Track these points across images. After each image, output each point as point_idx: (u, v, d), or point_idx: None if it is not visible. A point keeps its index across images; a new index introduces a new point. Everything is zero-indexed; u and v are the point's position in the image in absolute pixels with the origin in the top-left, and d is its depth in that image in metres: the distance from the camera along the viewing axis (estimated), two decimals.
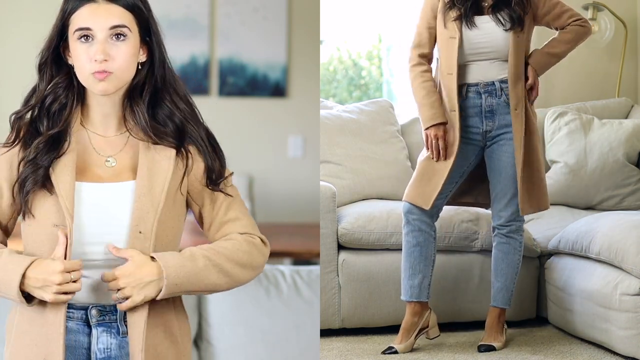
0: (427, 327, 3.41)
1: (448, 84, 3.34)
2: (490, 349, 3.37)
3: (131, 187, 1.91)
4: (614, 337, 3.25)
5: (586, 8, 4.68)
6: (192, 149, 1.96)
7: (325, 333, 3.60)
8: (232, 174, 2.03)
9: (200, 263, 1.90)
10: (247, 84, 5.24)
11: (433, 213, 3.39)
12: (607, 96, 4.76)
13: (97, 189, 1.91)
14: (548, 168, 4.31)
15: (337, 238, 3.64)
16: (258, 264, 2.00)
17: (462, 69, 3.36)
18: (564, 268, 3.60)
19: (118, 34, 1.86)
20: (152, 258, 1.87)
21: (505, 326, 3.49)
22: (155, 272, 1.86)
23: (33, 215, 1.89)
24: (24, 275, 1.82)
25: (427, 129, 3.35)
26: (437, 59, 3.44)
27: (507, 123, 3.35)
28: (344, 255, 3.65)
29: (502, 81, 3.35)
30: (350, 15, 5.40)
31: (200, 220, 2.03)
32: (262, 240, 2.03)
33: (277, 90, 5.26)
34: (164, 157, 1.93)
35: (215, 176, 1.97)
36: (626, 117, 4.54)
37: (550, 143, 4.33)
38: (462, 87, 3.37)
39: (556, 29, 3.45)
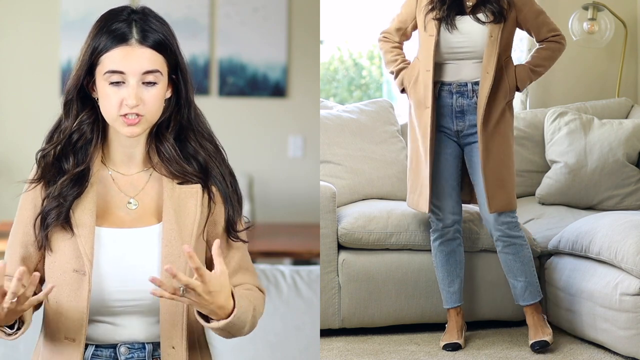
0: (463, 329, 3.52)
1: (425, 81, 3.37)
2: (544, 344, 3.34)
3: (156, 231, 1.89)
4: (614, 337, 3.25)
5: (586, 8, 4.67)
6: (214, 190, 1.93)
7: (325, 333, 3.60)
8: (251, 225, 2.00)
9: (246, 304, 1.87)
10: (247, 84, 5.24)
11: (459, 218, 3.45)
12: (607, 96, 4.76)
13: (118, 235, 1.88)
14: (548, 168, 4.31)
15: (337, 238, 3.64)
16: (261, 316, 2.00)
17: (439, 67, 3.39)
18: (564, 268, 3.60)
19: (150, 81, 1.84)
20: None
21: (545, 317, 3.44)
22: (229, 305, 1.79)
23: (52, 251, 1.87)
24: None
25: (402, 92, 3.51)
26: (417, 57, 3.47)
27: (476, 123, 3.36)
28: (344, 255, 3.65)
29: (476, 83, 3.36)
30: (350, 15, 5.40)
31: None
32: (262, 291, 2.03)
33: (277, 90, 5.26)
34: (190, 196, 1.90)
35: (234, 222, 1.94)
36: (626, 117, 4.54)
37: (550, 143, 4.33)
38: (436, 85, 3.39)
39: (534, 37, 3.46)
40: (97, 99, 1.87)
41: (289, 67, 5.28)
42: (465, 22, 3.35)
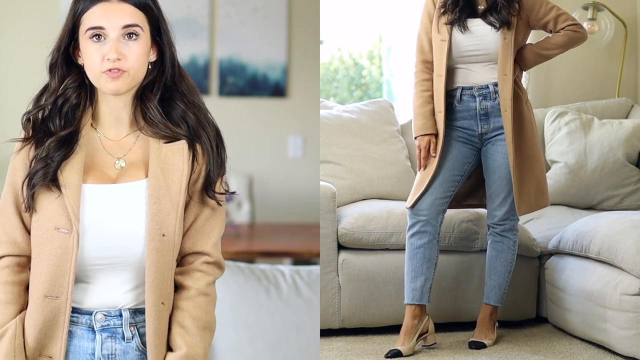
0: (427, 332, 3.40)
1: (437, 86, 3.38)
2: (480, 346, 3.41)
3: (142, 186, 1.88)
4: (613, 337, 3.25)
5: (586, 8, 4.67)
6: (199, 149, 1.93)
7: (325, 333, 3.60)
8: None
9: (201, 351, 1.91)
10: (247, 84, 5.24)
11: (434, 215, 3.38)
12: (607, 96, 4.76)
13: (103, 191, 1.88)
14: (548, 168, 4.31)
15: (337, 238, 3.64)
16: (216, 296, 2.00)
17: (455, 72, 3.40)
18: (564, 268, 3.60)
19: (130, 33, 1.85)
20: None
21: (496, 324, 3.50)
22: None
23: (36, 211, 1.86)
24: None
25: (415, 137, 3.43)
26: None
27: (501, 125, 3.37)
28: (344, 255, 3.65)
29: (496, 84, 3.37)
30: (350, 15, 5.40)
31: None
32: (218, 265, 1.98)
33: (277, 90, 5.26)
34: (177, 153, 1.90)
35: (213, 181, 1.94)
36: (626, 117, 4.55)
37: (550, 143, 4.33)
38: (457, 90, 3.40)
39: (550, 31, 3.46)
40: (83, 65, 1.89)
41: (289, 67, 5.28)
42: (477, 25, 3.36)
